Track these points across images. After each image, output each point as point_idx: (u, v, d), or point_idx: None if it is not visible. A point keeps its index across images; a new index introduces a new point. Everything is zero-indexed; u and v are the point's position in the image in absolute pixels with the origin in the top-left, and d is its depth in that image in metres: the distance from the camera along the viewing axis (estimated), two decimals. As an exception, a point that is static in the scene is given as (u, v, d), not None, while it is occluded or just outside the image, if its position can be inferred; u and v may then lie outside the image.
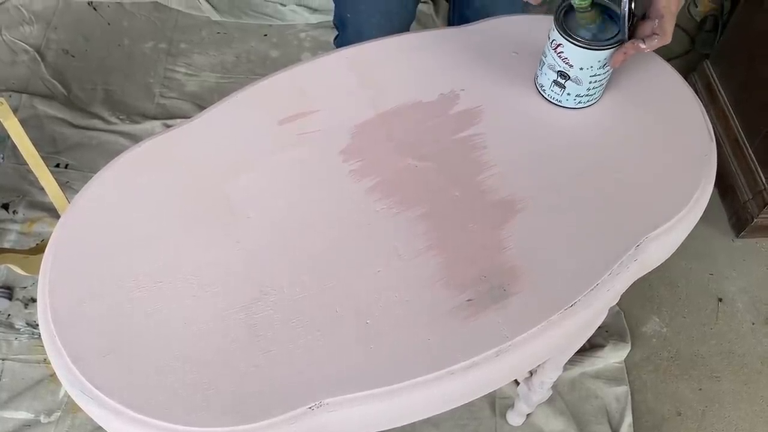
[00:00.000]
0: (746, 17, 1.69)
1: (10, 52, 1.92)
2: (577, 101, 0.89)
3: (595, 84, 0.87)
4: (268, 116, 0.89)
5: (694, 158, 0.86)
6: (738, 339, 1.56)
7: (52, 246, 0.77)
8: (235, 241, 0.78)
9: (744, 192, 1.68)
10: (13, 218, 1.62)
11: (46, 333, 0.72)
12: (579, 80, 0.86)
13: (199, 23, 2.04)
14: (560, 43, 0.84)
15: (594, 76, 0.85)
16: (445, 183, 0.84)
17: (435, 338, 0.72)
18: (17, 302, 1.50)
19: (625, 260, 0.78)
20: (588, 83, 0.86)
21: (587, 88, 0.87)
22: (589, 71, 0.85)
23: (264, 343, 0.70)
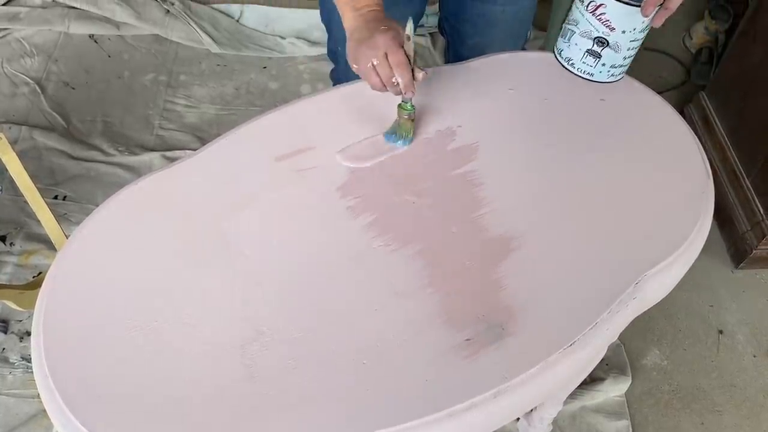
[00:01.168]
0: (740, 50, 1.71)
1: (11, 84, 1.93)
2: (610, 73, 0.85)
3: (631, 52, 0.83)
4: (266, 153, 0.89)
5: (691, 195, 0.86)
6: (739, 372, 1.55)
7: (47, 285, 0.76)
8: (231, 279, 0.77)
9: (742, 223, 1.68)
10: (10, 250, 1.61)
11: (39, 373, 0.71)
12: (618, 46, 0.82)
13: (199, 55, 2.05)
14: (602, 3, 0.80)
15: (633, 41, 0.82)
16: (442, 219, 0.84)
17: (433, 379, 0.71)
18: (12, 336, 1.49)
19: (624, 298, 0.78)
20: (626, 50, 0.83)
21: (624, 57, 0.83)
22: (630, 35, 0.81)
23: (259, 384, 0.70)
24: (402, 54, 0.82)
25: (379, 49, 0.83)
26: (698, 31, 2.13)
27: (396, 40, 0.83)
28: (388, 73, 0.83)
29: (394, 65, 0.82)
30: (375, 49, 0.83)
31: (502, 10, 1.15)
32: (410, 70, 0.83)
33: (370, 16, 0.87)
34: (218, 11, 2.12)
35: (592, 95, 0.97)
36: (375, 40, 0.83)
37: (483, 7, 1.16)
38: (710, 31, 2.09)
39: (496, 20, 1.17)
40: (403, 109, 0.88)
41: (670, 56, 2.15)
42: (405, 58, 0.83)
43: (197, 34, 2.04)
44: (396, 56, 0.82)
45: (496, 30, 1.19)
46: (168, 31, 2.05)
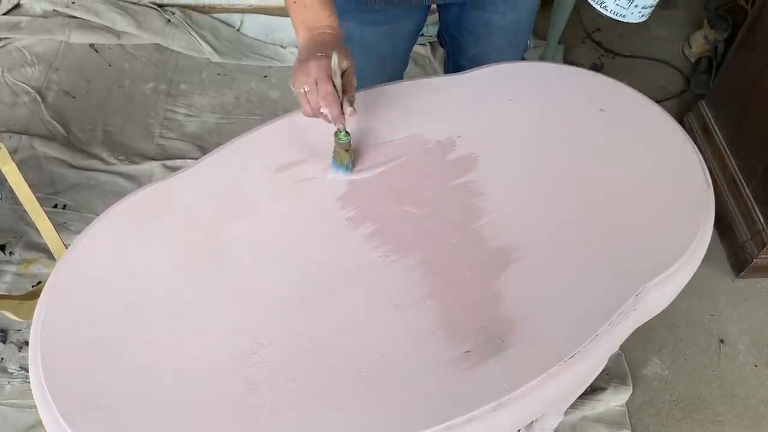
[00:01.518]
0: (740, 59, 1.71)
1: (12, 93, 1.93)
2: (641, 14, 0.85)
3: None
4: (265, 164, 0.89)
5: (691, 206, 0.86)
6: (740, 381, 1.54)
7: (45, 297, 0.76)
8: (230, 291, 0.77)
9: (742, 232, 1.68)
10: (9, 259, 1.61)
11: (36, 386, 0.71)
12: None
13: (199, 65, 2.06)
14: None
15: None
16: (442, 230, 0.83)
17: (433, 391, 0.70)
18: (11, 345, 1.48)
19: (625, 310, 0.77)
20: None
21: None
22: None
23: (258, 397, 0.69)
24: (329, 85, 0.81)
25: (310, 76, 0.82)
26: (698, 40, 2.13)
27: (326, 70, 0.81)
28: (316, 102, 0.82)
29: (321, 96, 0.81)
30: (307, 76, 0.82)
31: (503, 18, 1.16)
32: (338, 102, 0.82)
33: (318, 39, 0.86)
34: (219, 20, 2.12)
35: (592, 105, 0.97)
36: (308, 67, 0.82)
37: (484, 15, 1.16)
38: (709, 40, 2.10)
39: (497, 29, 1.17)
40: (337, 139, 0.86)
41: (670, 65, 2.15)
42: (332, 90, 0.81)
43: (198, 43, 2.04)
44: (323, 86, 0.81)
45: (496, 39, 1.19)
46: (168, 40, 2.06)
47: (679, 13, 2.30)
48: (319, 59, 0.82)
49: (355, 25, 1.13)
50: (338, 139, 0.86)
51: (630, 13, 0.85)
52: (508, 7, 1.14)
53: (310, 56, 0.83)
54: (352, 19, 1.13)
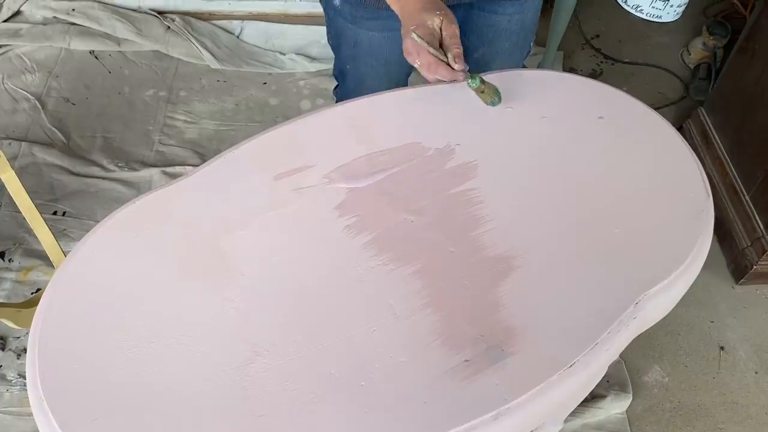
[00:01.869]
0: (739, 66, 1.71)
1: (11, 100, 1.94)
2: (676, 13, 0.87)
3: None
4: (264, 172, 0.89)
5: (691, 214, 0.86)
6: (741, 389, 1.54)
7: (42, 305, 0.76)
8: (229, 299, 0.77)
9: (742, 238, 1.68)
10: (8, 266, 1.61)
11: (33, 396, 0.70)
12: None
13: (199, 71, 2.06)
14: None
15: None
16: (441, 238, 0.83)
17: (432, 401, 0.70)
18: (9, 353, 1.48)
19: (624, 318, 0.77)
20: None
21: None
22: None
23: (256, 406, 0.69)
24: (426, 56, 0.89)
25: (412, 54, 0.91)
26: (696, 47, 2.13)
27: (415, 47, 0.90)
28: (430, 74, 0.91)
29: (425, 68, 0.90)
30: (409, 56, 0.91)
31: (509, 19, 1.16)
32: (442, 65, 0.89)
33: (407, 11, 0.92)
34: (218, 27, 2.13)
35: (591, 113, 0.97)
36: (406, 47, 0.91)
37: (490, 17, 1.16)
38: (708, 46, 2.10)
39: (503, 31, 1.18)
40: (472, 85, 0.93)
41: (669, 72, 2.16)
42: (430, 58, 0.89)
43: (197, 50, 2.05)
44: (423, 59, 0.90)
45: (502, 40, 1.19)
46: (168, 47, 2.06)
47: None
48: (405, 37, 0.91)
49: (363, 31, 1.14)
50: (472, 85, 0.92)
51: (665, 13, 0.87)
52: (514, 9, 1.15)
53: (404, 35, 0.91)
54: (360, 25, 1.13)
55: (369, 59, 1.21)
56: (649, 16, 0.87)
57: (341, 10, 1.13)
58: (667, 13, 0.86)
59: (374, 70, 1.21)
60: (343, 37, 1.19)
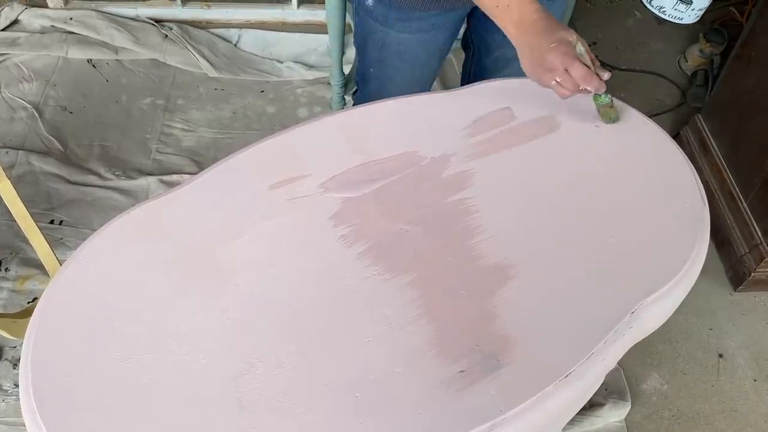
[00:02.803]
0: (736, 73, 1.71)
1: (9, 108, 1.94)
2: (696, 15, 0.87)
3: None
4: (259, 181, 0.89)
5: (687, 223, 0.86)
6: (740, 396, 1.53)
7: (36, 317, 0.76)
8: (224, 310, 0.76)
9: (740, 245, 1.67)
10: (5, 276, 1.60)
11: (26, 408, 0.70)
12: None
13: (196, 80, 2.06)
14: None
15: None
16: (436, 248, 0.83)
17: (427, 412, 0.70)
18: (6, 362, 1.48)
19: (620, 328, 0.77)
20: None
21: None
22: None
23: (250, 418, 0.69)
24: (580, 67, 0.87)
25: (558, 69, 0.88)
26: (693, 54, 2.13)
27: (569, 56, 0.87)
28: (574, 84, 0.88)
29: (579, 78, 0.88)
30: (554, 71, 0.88)
31: None
32: (594, 75, 0.88)
33: (534, 30, 0.90)
34: (216, 36, 2.13)
35: (587, 122, 0.97)
36: (550, 63, 0.88)
37: None
38: (705, 53, 2.10)
39: None
40: (599, 102, 0.94)
41: (666, 79, 2.16)
42: (585, 70, 0.87)
43: (195, 58, 2.05)
44: (576, 70, 0.87)
45: None
46: (166, 55, 2.06)
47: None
48: (556, 50, 0.88)
49: (395, 33, 1.14)
50: (600, 101, 0.94)
51: (687, 15, 0.88)
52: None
53: (542, 53, 0.89)
54: (391, 26, 1.13)
55: (396, 61, 1.21)
56: (671, 17, 0.89)
57: (373, 10, 1.13)
58: (689, 16, 0.88)
59: (400, 73, 1.21)
60: (371, 38, 1.19)
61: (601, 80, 0.89)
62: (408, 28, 1.13)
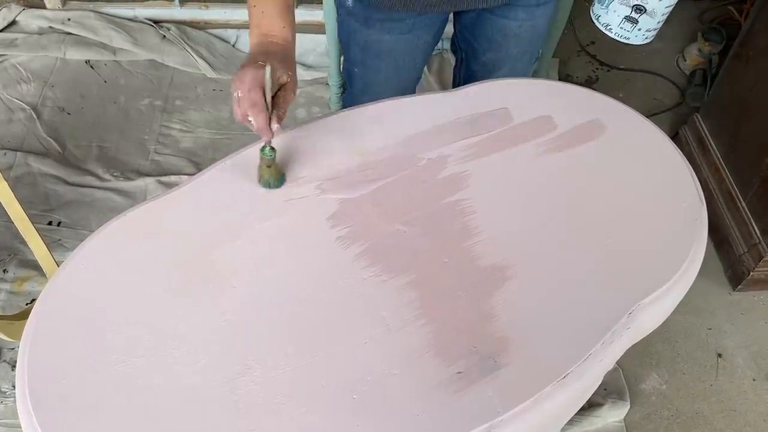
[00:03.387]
0: (734, 72, 1.71)
1: (7, 110, 1.93)
2: (644, 37, 0.85)
3: (664, 16, 0.83)
4: (256, 183, 0.88)
5: (685, 223, 0.86)
6: (739, 396, 1.53)
7: (33, 319, 0.75)
8: (220, 312, 0.76)
9: (739, 245, 1.67)
10: (3, 277, 1.60)
11: (23, 411, 0.70)
12: (654, 13, 0.82)
13: (195, 80, 2.06)
14: None
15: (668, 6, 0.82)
16: (434, 249, 0.83)
17: (424, 414, 0.70)
18: (4, 364, 1.48)
19: (618, 329, 0.77)
20: (660, 15, 0.83)
21: (658, 21, 0.84)
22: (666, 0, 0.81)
23: (247, 420, 0.68)
24: (258, 95, 0.80)
25: (245, 83, 0.81)
26: (692, 53, 2.13)
27: (257, 81, 0.80)
28: (245, 110, 0.81)
29: (249, 105, 0.80)
30: (242, 82, 0.81)
31: (520, 25, 1.15)
32: (264, 113, 0.80)
33: (265, 48, 0.86)
34: (214, 36, 2.13)
35: (584, 123, 0.96)
36: (245, 73, 0.82)
37: (501, 22, 1.15)
38: (704, 52, 2.10)
39: (513, 36, 1.17)
40: (262, 153, 0.85)
41: (664, 78, 2.16)
42: (259, 100, 0.80)
43: (193, 59, 2.05)
44: (252, 95, 0.80)
45: (511, 46, 1.18)
46: (164, 56, 2.06)
47: (673, 26, 2.30)
48: (257, 68, 0.81)
49: (376, 33, 1.13)
50: (263, 153, 0.84)
51: (634, 36, 0.86)
52: (526, 15, 1.14)
53: (250, 63, 0.83)
54: (371, 27, 1.12)
55: (378, 62, 1.20)
56: (618, 36, 0.87)
57: (353, 10, 1.12)
58: (636, 36, 0.86)
59: (383, 74, 1.21)
60: (353, 38, 1.18)
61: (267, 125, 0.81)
62: (388, 28, 1.12)
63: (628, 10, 0.83)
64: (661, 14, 0.83)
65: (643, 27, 0.84)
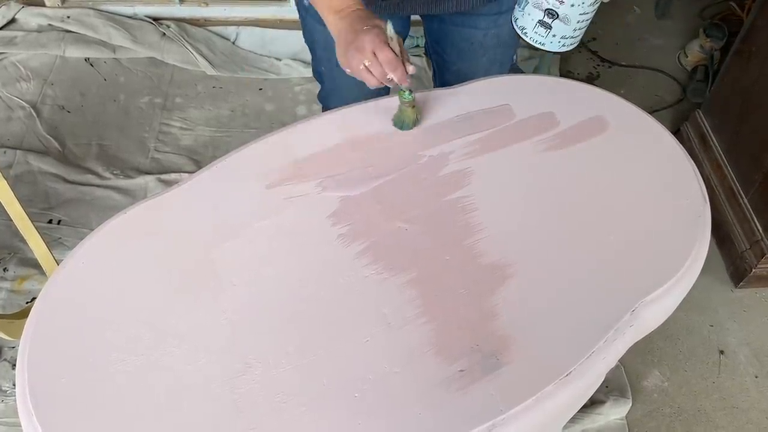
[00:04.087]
0: (736, 68, 1.71)
1: (6, 108, 1.93)
2: (561, 44, 0.84)
3: (581, 24, 0.82)
4: (257, 180, 0.88)
5: (688, 220, 0.85)
6: (741, 393, 1.53)
7: (32, 318, 0.75)
8: (220, 311, 0.76)
9: (741, 241, 1.67)
10: (3, 276, 1.60)
11: (23, 410, 0.69)
12: (567, 19, 0.81)
13: (194, 78, 2.05)
14: None
15: (583, 14, 0.81)
16: (435, 247, 0.83)
17: (426, 412, 0.69)
18: (5, 363, 1.47)
19: (621, 326, 0.76)
20: (575, 23, 0.82)
21: (573, 29, 0.83)
22: (579, 8, 0.80)
23: (248, 420, 0.68)
24: (389, 51, 0.84)
25: (366, 50, 0.85)
26: (693, 49, 2.13)
27: (379, 39, 0.85)
28: (381, 71, 0.86)
29: (384, 63, 0.85)
30: (363, 51, 0.85)
31: (484, 34, 1.14)
32: (401, 64, 0.85)
33: (353, 17, 0.89)
34: (214, 33, 2.12)
35: (586, 119, 0.96)
36: (361, 42, 0.85)
37: (465, 31, 1.14)
38: (705, 49, 2.10)
39: (479, 45, 1.16)
40: (402, 98, 0.90)
41: (666, 74, 2.15)
42: (393, 55, 0.85)
43: (193, 56, 2.04)
44: (384, 54, 0.84)
45: (479, 55, 1.18)
46: (164, 53, 2.06)
47: (675, 22, 2.30)
48: (368, 32, 0.85)
49: None
50: (403, 97, 0.90)
51: (549, 41, 0.84)
52: (488, 24, 1.13)
53: (356, 33, 0.86)
54: None
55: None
56: (533, 41, 0.85)
57: (310, 9, 1.10)
58: (550, 42, 0.84)
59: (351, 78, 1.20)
60: (315, 38, 1.18)
61: (405, 71, 0.86)
62: None
63: (541, 14, 0.82)
64: (576, 21, 0.82)
65: (557, 33, 0.83)
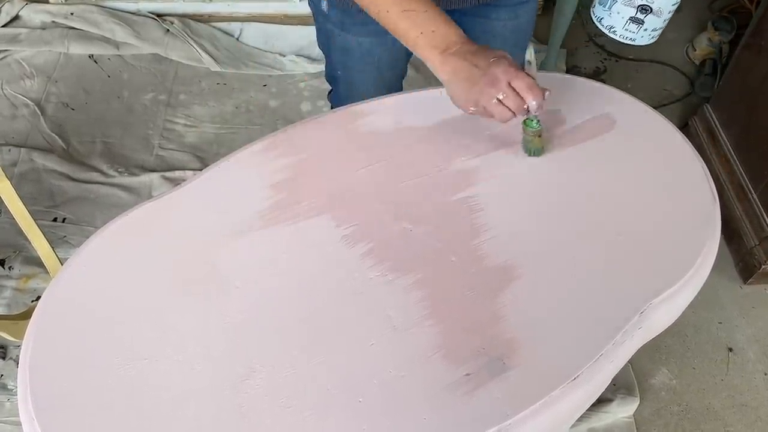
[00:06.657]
0: (745, 62, 1.68)
1: (11, 106, 1.93)
2: (651, 36, 0.84)
3: (671, 14, 0.81)
4: (260, 180, 0.87)
5: (697, 220, 0.84)
6: (750, 391, 1.51)
7: (35, 320, 0.74)
8: (223, 314, 0.75)
9: (750, 238, 1.65)
10: (8, 274, 1.60)
11: (24, 414, 0.69)
12: (660, 11, 0.80)
13: (198, 74, 2.04)
14: None
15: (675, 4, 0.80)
16: (441, 248, 0.81)
17: (432, 417, 0.68)
18: (11, 362, 1.47)
19: (629, 328, 0.75)
20: (666, 13, 0.81)
21: (663, 20, 0.82)
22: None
23: (251, 425, 0.67)
24: (528, 77, 0.81)
25: (501, 81, 0.80)
26: (701, 43, 2.10)
27: (514, 66, 0.81)
28: (518, 102, 0.81)
29: (524, 90, 0.80)
30: (497, 84, 0.81)
31: (503, 25, 1.15)
32: (541, 89, 0.82)
33: (465, 53, 0.84)
34: (218, 29, 2.11)
35: (593, 118, 0.94)
36: (493, 75, 0.81)
37: (485, 23, 1.15)
38: (713, 42, 2.07)
39: (498, 36, 1.16)
40: (529, 127, 0.87)
41: (674, 68, 2.13)
42: (532, 80, 0.81)
43: (197, 52, 2.03)
44: (524, 81, 0.81)
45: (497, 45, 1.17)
46: (167, 50, 2.05)
47: (683, 15, 2.27)
48: (499, 63, 0.81)
49: (352, 37, 1.12)
50: (531, 126, 0.87)
51: (639, 37, 0.83)
52: (508, 14, 1.13)
53: (483, 68, 0.81)
54: (349, 31, 1.11)
55: (361, 64, 1.19)
56: (623, 38, 0.84)
57: (330, 15, 1.11)
58: (641, 37, 0.83)
59: (366, 75, 1.20)
60: (333, 43, 1.17)
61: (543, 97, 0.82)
62: (366, 31, 1.10)
63: (633, 11, 0.81)
64: (668, 12, 0.81)
65: (649, 27, 0.82)
